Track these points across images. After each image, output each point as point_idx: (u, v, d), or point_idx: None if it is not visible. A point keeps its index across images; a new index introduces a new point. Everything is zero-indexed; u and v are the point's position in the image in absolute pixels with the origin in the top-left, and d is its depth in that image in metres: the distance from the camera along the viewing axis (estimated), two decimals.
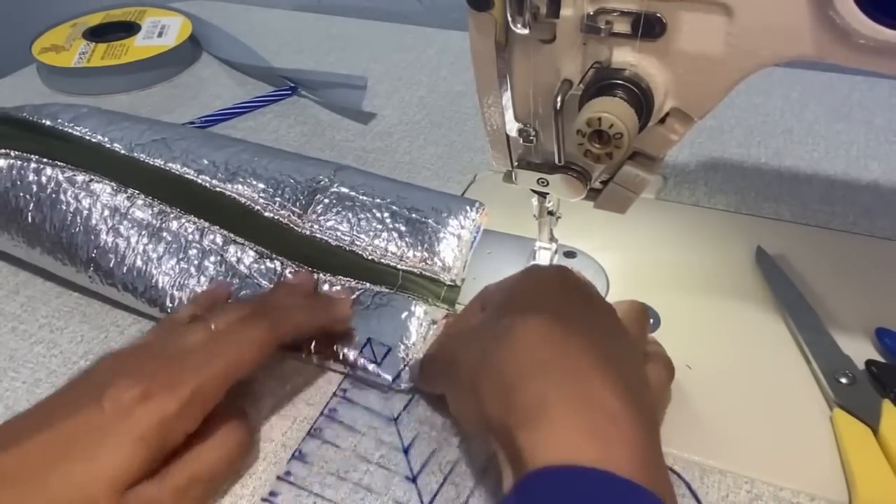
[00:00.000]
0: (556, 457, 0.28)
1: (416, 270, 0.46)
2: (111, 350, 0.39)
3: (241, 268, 0.47)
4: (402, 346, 0.43)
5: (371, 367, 0.42)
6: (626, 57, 0.34)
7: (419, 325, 0.44)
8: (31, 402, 0.42)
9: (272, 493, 0.37)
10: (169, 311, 0.46)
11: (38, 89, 0.77)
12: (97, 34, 0.80)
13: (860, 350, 0.43)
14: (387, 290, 0.46)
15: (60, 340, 0.47)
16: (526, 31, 0.34)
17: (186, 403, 0.34)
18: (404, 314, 0.44)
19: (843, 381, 0.41)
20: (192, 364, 0.36)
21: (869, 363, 0.41)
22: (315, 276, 0.47)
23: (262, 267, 0.47)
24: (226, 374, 0.36)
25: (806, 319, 0.45)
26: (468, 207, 0.47)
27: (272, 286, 0.46)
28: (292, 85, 0.74)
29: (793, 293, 0.47)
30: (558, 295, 0.37)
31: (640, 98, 0.34)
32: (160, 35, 0.80)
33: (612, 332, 0.36)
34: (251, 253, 0.47)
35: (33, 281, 0.52)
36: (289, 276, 0.46)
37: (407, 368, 0.43)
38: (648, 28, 0.33)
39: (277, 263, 0.47)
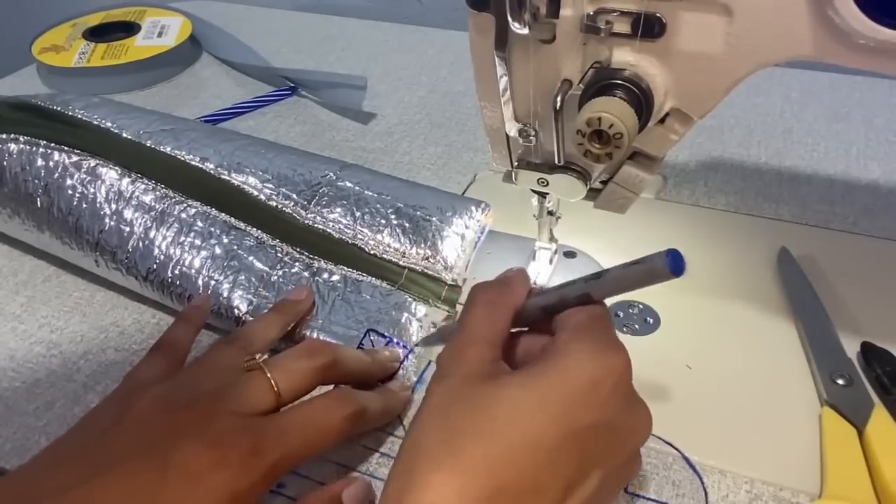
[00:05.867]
0: None
1: (417, 268, 0.46)
2: (150, 384, 0.35)
3: (242, 252, 0.47)
4: (402, 350, 0.43)
5: None
6: (625, 57, 0.34)
7: (419, 328, 0.44)
8: (31, 402, 0.43)
9: (280, 485, 0.38)
10: (170, 293, 0.46)
11: (38, 89, 0.77)
12: (97, 34, 0.80)
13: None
14: (387, 286, 0.46)
15: (60, 340, 0.47)
16: (526, 31, 0.34)
17: (263, 478, 0.31)
18: (405, 316, 0.44)
19: (840, 381, 0.41)
20: (271, 433, 0.32)
21: (864, 345, 0.42)
22: (314, 264, 0.47)
23: (262, 253, 0.47)
24: (305, 453, 0.33)
25: (810, 320, 0.45)
26: (473, 207, 0.47)
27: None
28: (292, 85, 0.74)
29: (802, 293, 0.46)
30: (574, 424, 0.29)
31: (640, 98, 0.34)
32: (160, 35, 0.80)
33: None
34: (252, 238, 0.47)
35: (33, 281, 0.52)
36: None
37: (404, 371, 0.43)
38: (648, 28, 0.33)
39: (278, 249, 0.47)
